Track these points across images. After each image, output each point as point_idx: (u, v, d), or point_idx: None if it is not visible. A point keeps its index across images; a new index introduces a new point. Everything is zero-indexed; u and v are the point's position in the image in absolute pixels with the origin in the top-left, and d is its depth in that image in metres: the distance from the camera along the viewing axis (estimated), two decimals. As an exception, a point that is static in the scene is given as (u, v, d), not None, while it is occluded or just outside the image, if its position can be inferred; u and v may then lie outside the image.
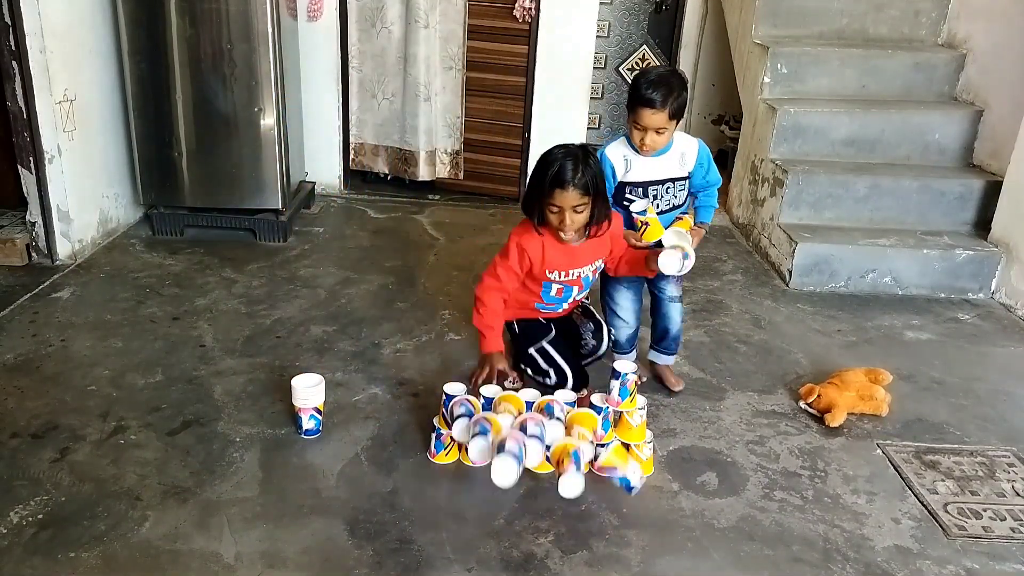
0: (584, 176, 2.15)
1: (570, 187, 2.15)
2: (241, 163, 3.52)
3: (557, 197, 2.17)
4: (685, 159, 2.41)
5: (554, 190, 2.16)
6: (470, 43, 4.09)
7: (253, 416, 2.34)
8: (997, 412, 2.61)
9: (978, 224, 3.63)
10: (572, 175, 2.14)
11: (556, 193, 2.16)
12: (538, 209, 2.24)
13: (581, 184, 2.15)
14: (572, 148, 2.20)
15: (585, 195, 2.17)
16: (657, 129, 2.28)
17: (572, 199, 2.16)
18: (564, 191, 2.15)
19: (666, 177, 2.40)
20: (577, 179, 2.14)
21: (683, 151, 2.41)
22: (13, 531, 1.85)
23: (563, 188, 2.15)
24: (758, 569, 1.89)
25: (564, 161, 2.15)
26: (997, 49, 3.77)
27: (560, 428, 2.06)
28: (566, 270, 2.35)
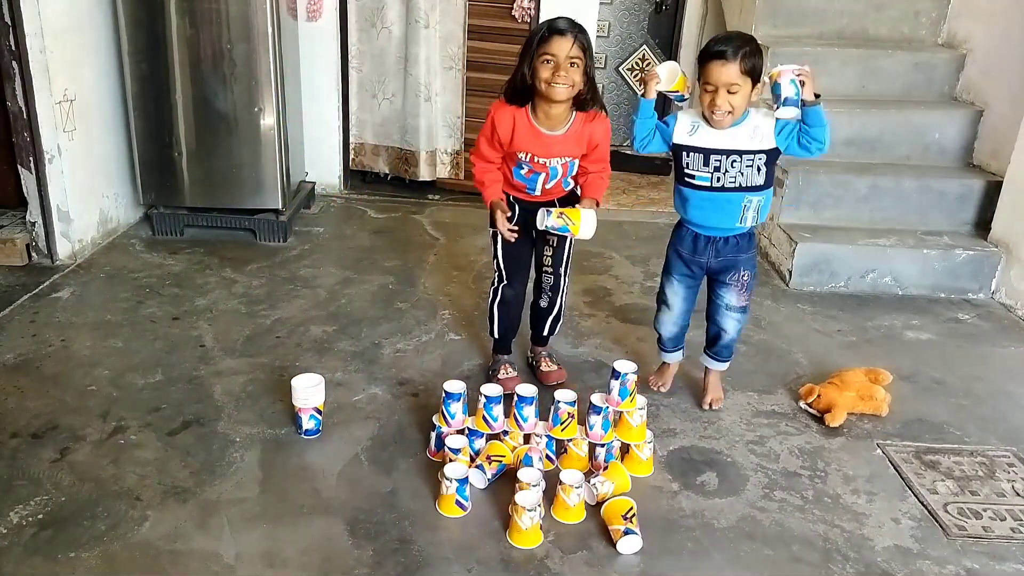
0: (583, 32, 2.13)
1: (568, 34, 2.10)
2: (241, 163, 3.52)
3: (553, 44, 2.10)
4: (759, 132, 2.15)
5: (552, 36, 2.10)
6: (470, 43, 4.09)
7: (253, 416, 2.34)
8: (997, 412, 2.61)
9: (978, 224, 3.63)
10: (569, 25, 2.11)
11: (553, 39, 2.10)
12: (528, 71, 2.16)
13: (579, 38, 2.11)
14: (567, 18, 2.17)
15: (581, 50, 2.12)
16: (729, 87, 2.05)
17: (566, 47, 2.10)
18: (563, 37, 2.09)
19: (732, 148, 2.16)
20: (573, 29, 2.11)
21: (757, 125, 2.16)
22: (13, 531, 1.85)
23: (562, 34, 2.10)
24: (758, 569, 1.89)
25: (558, 19, 2.13)
26: (997, 49, 3.77)
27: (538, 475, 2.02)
28: (531, 153, 2.26)
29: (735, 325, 2.39)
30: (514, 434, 2.18)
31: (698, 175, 2.20)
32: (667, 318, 2.47)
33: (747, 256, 2.30)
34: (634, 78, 5.39)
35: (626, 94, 5.43)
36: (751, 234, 2.30)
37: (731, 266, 2.30)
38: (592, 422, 2.16)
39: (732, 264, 2.30)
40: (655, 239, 3.97)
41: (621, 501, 1.97)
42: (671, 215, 4.30)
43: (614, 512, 1.94)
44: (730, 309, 2.36)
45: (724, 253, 2.29)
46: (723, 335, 2.41)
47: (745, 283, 2.33)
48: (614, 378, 2.16)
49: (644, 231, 4.08)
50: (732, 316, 2.37)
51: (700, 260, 2.32)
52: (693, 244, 2.32)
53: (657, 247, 3.85)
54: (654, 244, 3.90)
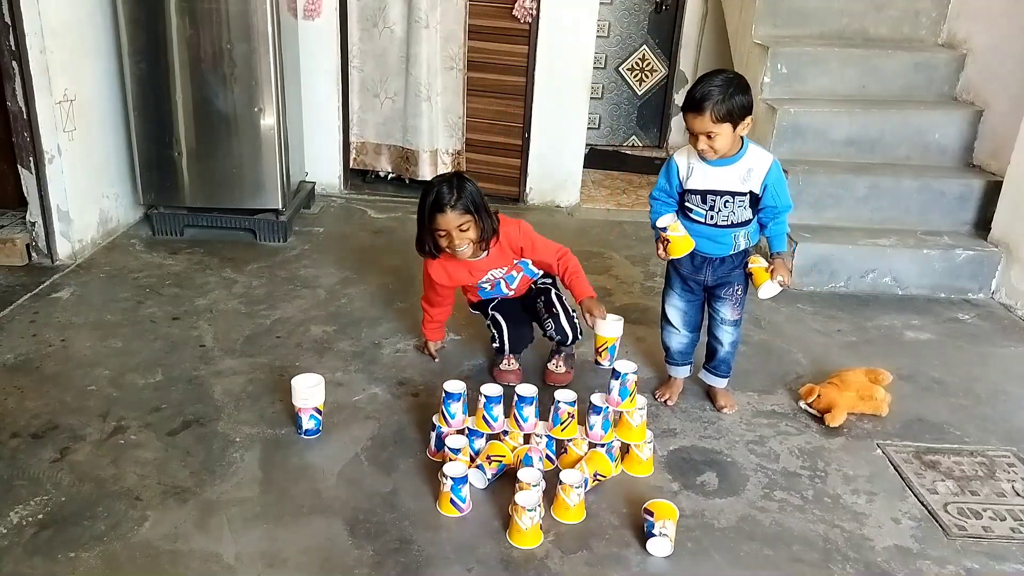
0: (461, 197, 2.27)
1: (448, 209, 2.26)
2: (241, 163, 3.52)
3: (439, 221, 2.28)
4: (751, 175, 2.23)
5: (435, 215, 2.28)
6: (471, 43, 4.09)
7: (253, 416, 2.34)
8: (997, 412, 2.61)
9: (978, 224, 3.63)
10: (448, 198, 2.26)
11: (437, 218, 2.28)
12: (430, 240, 2.37)
13: (460, 205, 2.27)
14: (446, 175, 2.36)
15: (466, 213, 2.28)
16: (705, 134, 2.14)
17: (454, 220, 2.28)
18: (444, 214, 2.27)
19: (725, 189, 2.25)
20: (454, 200, 2.26)
21: (751, 167, 2.23)
22: (13, 531, 1.86)
23: (442, 212, 2.27)
24: (758, 569, 1.89)
25: (440, 187, 2.29)
26: (997, 49, 3.77)
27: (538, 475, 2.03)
28: (474, 280, 2.50)
29: (729, 338, 2.46)
30: (514, 434, 2.18)
31: (695, 210, 2.30)
32: (672, 332, 2.53)
33: (740, 272, 2.39)
34: (634, 78, 5.39)
35: (626, 94, 5.42)
36: (745, 251, 2.38)
37: (726, 282, 2.40)
38: (592, 422, 2.16)
39: (727, 280, 2.39)
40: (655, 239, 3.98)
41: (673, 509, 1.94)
42: (671, 215, 4.32)
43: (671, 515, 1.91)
44: (724, 322, 2.44)
45: (719, 271, 2.38)
46: (719, 349, 2.48)
47: (739, 297, 2.42)
48: (614, 378, 2.16)
49: (644, 231, 4.07)
50: (726, 329, 2.45)
51: (698, 278, 2.41)
52: (691, 264, 2.39)
53: (657, 247, 3.86)
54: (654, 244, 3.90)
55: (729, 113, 2.11)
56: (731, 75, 2.16)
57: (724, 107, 2.10)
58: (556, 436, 2.16)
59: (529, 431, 2.18)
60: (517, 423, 2.17)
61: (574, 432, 2.17)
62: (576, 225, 4.08)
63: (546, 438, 2.17)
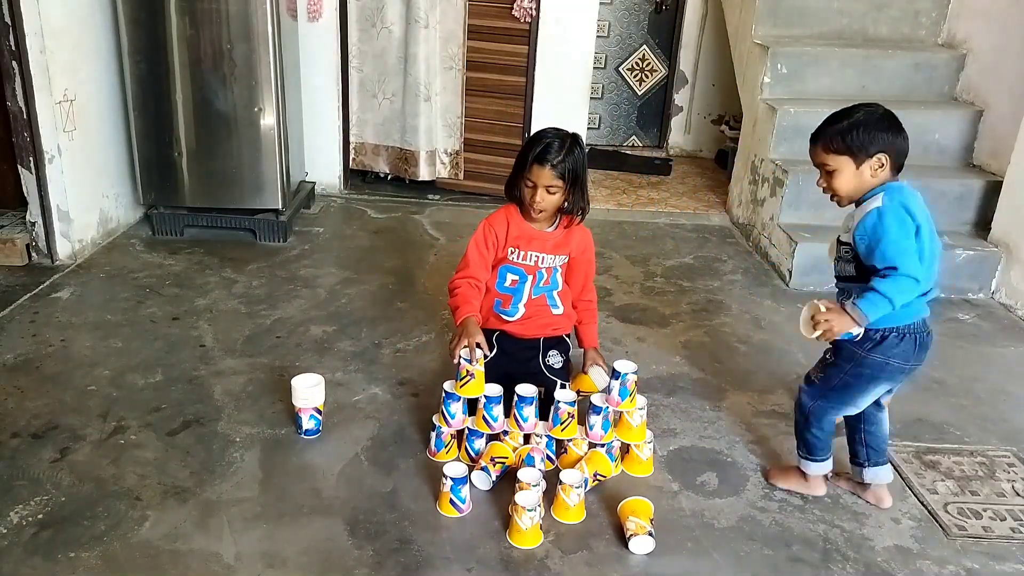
0: (564, 161, 2.18)
1: (548, 166, 2.17)
2: (241, 163, 3.52)
3: (534, 172, 2.19)
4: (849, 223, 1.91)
5: (533, 165, 2.19)
6: (470, 43, 4.09)
7: (253, 416, 2.34)
8: (997, 412, 2.61)
9: (978, 224, 3.63)
10: (553, 155, 2.17)
11: (534, 168, 2.19)
12: (517, 184, 2.26)
13: (559, 167, 2.18)
14: (563, 132, 2.23)
15: (560, 179, 2.19)
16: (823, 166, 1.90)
17: (547, 178, 2.19)
18: (542, 168, 2.18)
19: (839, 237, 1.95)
20: (556, 161, 2.17)
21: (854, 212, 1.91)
22: (13, 531, 1.85)
23: (541, 165, 2.17)
24: (758, 569, 1.89)
25: (552, 141, 2.19)
26: (997, 49, 3.77)
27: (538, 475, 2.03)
28: (526, 249, 2.32)
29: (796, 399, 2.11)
30: (514, 434, 2.18)
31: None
32: None
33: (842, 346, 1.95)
34: (634, 78, 5.39)
35: (626, 94, 5.43)
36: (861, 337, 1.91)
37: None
38: (592, 422, 2.16)
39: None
40: (655, 239, 3.98)
41: (644, 502, 1.96)
42: (671, 215, 4.33)
43: (641, 511, 1.94)
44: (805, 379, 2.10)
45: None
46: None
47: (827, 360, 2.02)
48: (614, 378, 2.16)
49: (644, 231, 4.08)
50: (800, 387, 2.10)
51: None
52: None
53: (657, 247, 3.86)
54: (654, 244, 3.91)
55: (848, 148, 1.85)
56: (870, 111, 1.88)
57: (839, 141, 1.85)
58: (556, 436, 2.16)
59: (529, 431, 2.18)
60: (517, 423, 2.17)
61: (574, 432, 2.17)
62: (576, 225, 4.08)
63: (546, 438, 2.17)
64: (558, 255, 2.34)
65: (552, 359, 2.38)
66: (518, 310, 2.36)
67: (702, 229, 4.18)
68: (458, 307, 2.24)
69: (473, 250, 2.32)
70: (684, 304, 3.25)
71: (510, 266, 2.34)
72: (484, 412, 2.16)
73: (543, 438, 2.17)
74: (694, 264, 3.70)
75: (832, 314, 1.82)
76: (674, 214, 4.36)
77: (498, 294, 2.37)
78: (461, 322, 2.20)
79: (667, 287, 3.41)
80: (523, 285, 2.35)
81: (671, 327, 3.05)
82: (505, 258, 2.34)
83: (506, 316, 2.36)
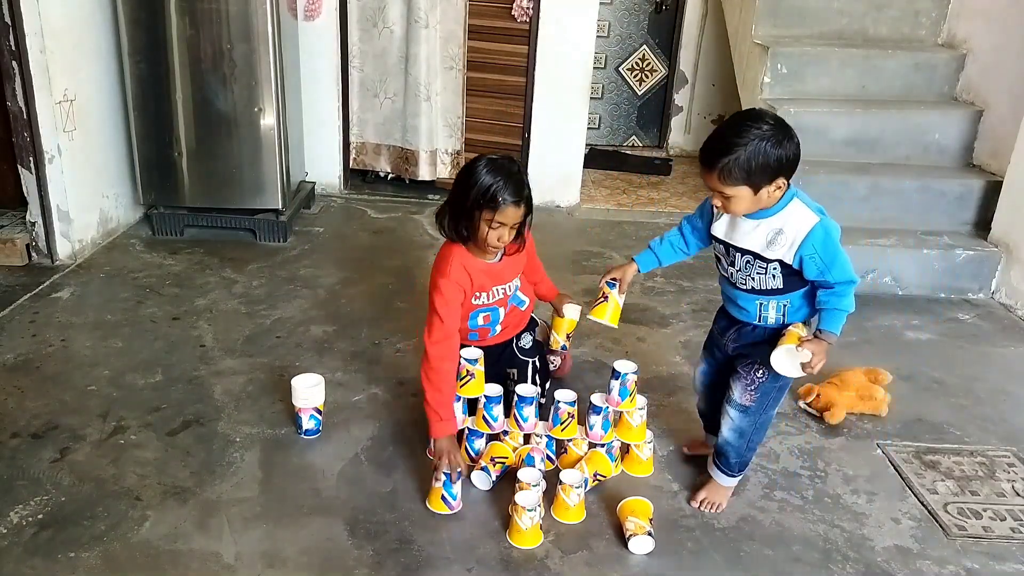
0: (528, 191, 2.04)
1: (522, 205, 2.01)
2: (241, 163, 3.52)
3: (506, 214, 1.99)
4: (780, 239, 1.79)
5: (507, 207, 1.98)
6: (470, 43, 4.09)
7: (253, 416, 2.34)
8: (997, 412, 2.61)
9: (978, 224, 3.63)
10: (520, 191, 2.00)
11: (507, 210, 1.99)
12: (467, 224, 2.04)
13: (528, 200, 2.04)
14: (507, 161, 2.04)
15: (528, 212, 2.06)
16: (719, 193, 1.77)
17: (517, 216, 2.02)
18: (517, 208, 2.00)
19: (746, 248, 1.85)
20: (525, 193, 2.02)
21: (781, 227, 1.79)
22: (13, 531, 1.86)
23: (516, 206, 1.99)
24: (758, 569, 1.89)
25: (509, 178, 1.99)
26: (997, 49, 3.77)
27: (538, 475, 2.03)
28: (490, 289, 2.19)
29: (729, 426, 1.98)
30: (514, 434, 2.18)
31: (721, 262, 1.96)
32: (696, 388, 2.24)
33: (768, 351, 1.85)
34: (634, 78, 5.39)
35: (626, 94, 5.43)
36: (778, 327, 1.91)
37: (746, 355, 1.96)
38: (592, 422, 2.16)
39: (748, 353, 1.96)
40: (655, 239, 3.98)
41: (644, 502, 1.96)
42: (671, 215, 4.33)
43: (640, 511, 1.94)
44: (730, 403, 1.98)
45: (743, 340, 1.98)
46: (720, 434, 2.04)
47: (757, 380, 1.93)
48: (614, 378, 2.16)
49: (644, 231, 4.07)
50: (729, 412, 1.98)
51: (721, 341, 2.04)
52: (723, 323, 2.05)
53: (657, 247, 3.86)
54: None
55: (747, 177, 1.72)
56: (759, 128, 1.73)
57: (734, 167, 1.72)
58: (556, 436, 2.16)
59: (529, 431, 2.18)
60: (517, 423, 2.17)
61: (574, 432, 2.17)
62: (576, 225, 4.08)
63: (546, 438, 2.17)
64: (516, 276, 2.27)
65: (523, 340, 2.40)
66: (496, 331, 2.31)
67: (702, 229, 4.17)
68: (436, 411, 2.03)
69: (443, 309, 2.06)
70: (684, 304, 3.25)
71: (481, 309, 2.22)
72: (484, 412, 2.16)
73: (543, 438, 2.17)
74: (694, 264, 3.68)
75: (819, 351, 1.78)
76: (674, 214, 4.36)
77: (472, 330, 2.27)
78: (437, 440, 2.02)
79: (667, 287, 3.41)
80: (496, 317, 2.27)
81: (671, 327, 3.05)
82: (471, 305, 2.19)
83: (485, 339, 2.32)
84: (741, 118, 1.77)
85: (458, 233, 2.08)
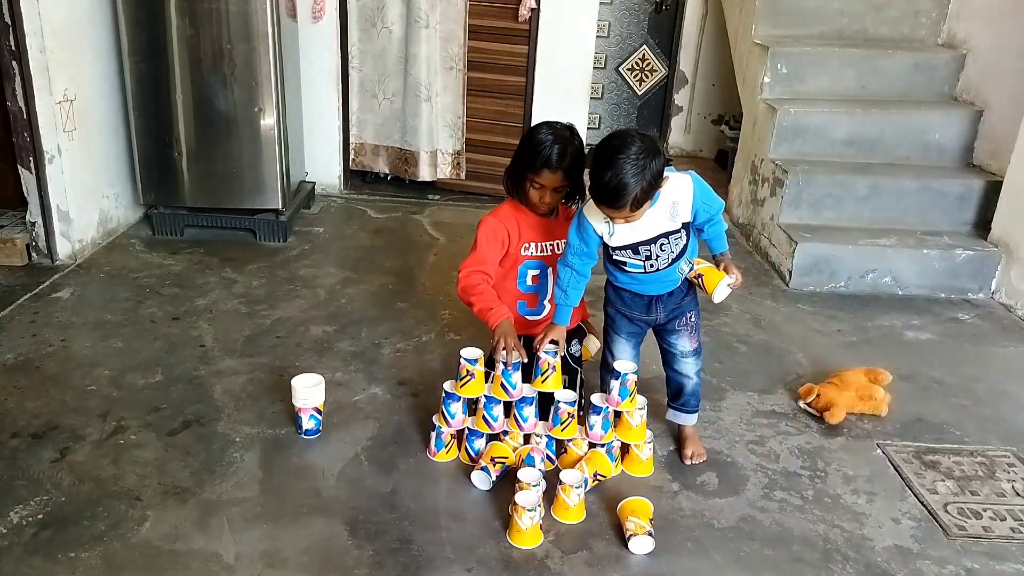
0: (570, 161, 2.20)
1: (559, 171, 2.19)
2: (241, 163, 3.52)
3: (544, 177, 2.20)
4: (678, 208, 2.04)
5: (543, 171, 2.19)
6: (470, 43, 4.09)
7: (253, 416, 2.34)
8: (997, 412, 2.61)
9: (978, 224, 3.63)
10: (561, 159, 2.18)
11: (544, 173, 2.19)
12: (521, 184, 2.26)
13: (567, 168, 2.20)
14: (562, 130, 2.23)
15: (568, 178, 2.23)
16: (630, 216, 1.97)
17: (556, 181, 2.21)
18: (553, 173, 2.19)
19: (657, 234, 2.05)
20: (565, 164, 2.19)
21: (674, 200, 2.03)
22: (13, 531, 1.85)
23: (552, 171, 2.19)
24: (758, 569, 1.89)
25: (557, 144, 2.18)
26: (997, 49, 3.77)
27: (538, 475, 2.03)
28: (541, 240, 2.33)
29: (694, 368, 2.26)
30: (514, 434, 2.18)
31: (630, 263, 2.11)
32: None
33: (690, 299, 2.21)
34: (634, 78, 5.39)
35: (626, 94, 5.43)
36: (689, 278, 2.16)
37: (679, 314, 2.21)
38: (592, 422, 2.16)
39: (679, 312, 2.21)
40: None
41: (644, 502, 1.96)
42: (671, 215, 4.32)
43: (641, 511, 1.94)
44: (685, 355, 2.24)
45: (670, 305, 2.20)
46: (686, 383, 2.26)
47: (693, 324, 2.23)
48: (614, 378, 2.16)
49: (644, 231, 4.07)
50: (687, 361, 2.25)
51: (648, 319, 2.22)
52: (642, 306, 2.20)
53: (657, 247, 3.86)
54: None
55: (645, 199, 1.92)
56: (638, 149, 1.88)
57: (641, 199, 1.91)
58: (556, 436, 2.16)
59: (529, 431, 2.18)
60: (517, 423, 2.17)
61: (574, 432, 2.17)
62: (576, 225, 4.08)
63: (546, 438, 2.17)
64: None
65: (573, 348, 2.42)
66: (544, 307, 2.38)
67: (702, 229, 4.18)
68: (490, 308, 2.20)
69: (484, 244, 2.28)
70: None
71: (529, 262, 2.34)
72: (484, 412, 2.16)
73: (543, 438, 2.17)
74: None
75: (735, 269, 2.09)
76: (674, 214, 4.36)
77: (522, 295, 2.37)
78: (498, 325, 2.17)
79: (667, 287, 3.41)
80: (546, 280, 2.37)
81: (671, 327, 3.05)
82: (519, 256, 2.33)
83: (533, 316, 2.37)
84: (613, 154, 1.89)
85: (514, 188, 2.29)
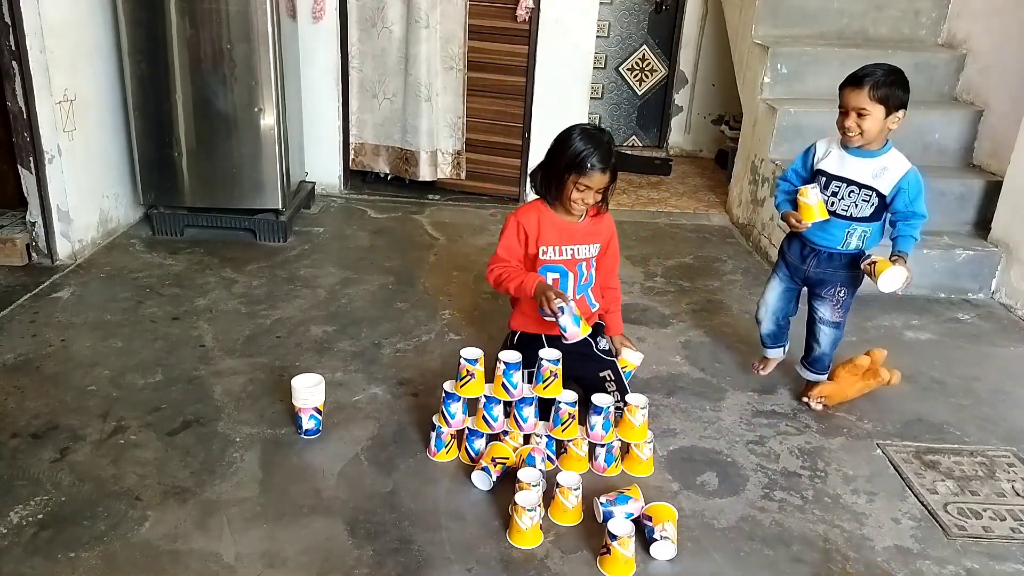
0: (615, 161, 2.23)
1: (608, 172, 2.21)
2: (241, 163, 3.52)
3: (593, 178, 2.20)
4: (885, 174, 2.27)
5: (593, 172, 2.18)
6: (471, 43, 4.08)
7: (253, 416, 2.34)
8: (997, 412, 2.61)
9: (978, 224, 3.63)
10: (606, 160, 2.20)
11: (594, 175, 2.19)
12: (557, 183, 2.24)
13: (614, 168, 2.23)
14: (600, 132, 2.26)
15: (612, 180, 2.25)
16: (857, 110, 2.22)
17: (603, 182, 2.22)
18: (603, 174, 2.20)
19: (853, 179, 2.30)
20: (613, 164, 2.22)
21: (887, 165, 2.28)
22: (13, 531, 1.86)
23: (603, 172, 2.20)
24: (758, 569, 1.89)
25: (600, 148, 2.19)
26: (997, 49, 3.77)
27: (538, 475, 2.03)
28: (559, 245, 2.33)
29: (827, 339, 2.49)
30: (514, 434, 2.18)
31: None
32: (763, 312, 2.61)
33: (847, 274, 2.40)
34: (634, 78, 5.39)
35: (626, 94, 5.43)
36: (857, 255, 2.36)
37: (828, 281, 2.42)
38: (593, 422, 2.16)
39: (830, 279, 2.42)
40: (655, 239, 3.98)
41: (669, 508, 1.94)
42: (671, 215, 4.33)
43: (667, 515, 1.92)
44: (823, 322, 2.47)
45: (824, 267, 2.41)
46: (815, 348, 2.52)
47: (841, 300, 2.44)
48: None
49: (644, 231, 4.08)
50: (824, 330, 2.48)
51: (800, 267, 2.45)
52: (799, 252, 2.45)
53: (657, 247, 3.86)
54: (654, 244, 3.91)
55: (886, 97, 2.18)
56: (897, 68, 2.23)
57: (883, 90, 2.18)
58: (556, 436, 2.16)
59: (529, 431, 2.18)
60: (517, 423, 2.17)
61: (574, 432, 2.17)
62: (576, 225, 4.07)
63: (546, 438, 2.17)
64: (592, 244, 2.38)
65: (601, 344, 2.46)
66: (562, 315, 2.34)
67: (702, 229, 4.18)
68: (522, 280, 2.25)
69: (507, 238, 2.34)
70: (684, 304, 3.25)
71: (548, 265, 2.35)
72: (484, 412, 2.16)
73: (543, 438, 2.17)
74: (694, 264, 3.70)
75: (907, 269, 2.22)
76: (674, 214, 4.37)
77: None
78: (535, 289, 2.21)
79: (667, 287, 3.41)
80: (566, 285, 2.37)
81: (671, 327, 3.05)
82: (538, 258, 2.34)
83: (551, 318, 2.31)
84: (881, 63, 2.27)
85: (548, 192, 2.31)
